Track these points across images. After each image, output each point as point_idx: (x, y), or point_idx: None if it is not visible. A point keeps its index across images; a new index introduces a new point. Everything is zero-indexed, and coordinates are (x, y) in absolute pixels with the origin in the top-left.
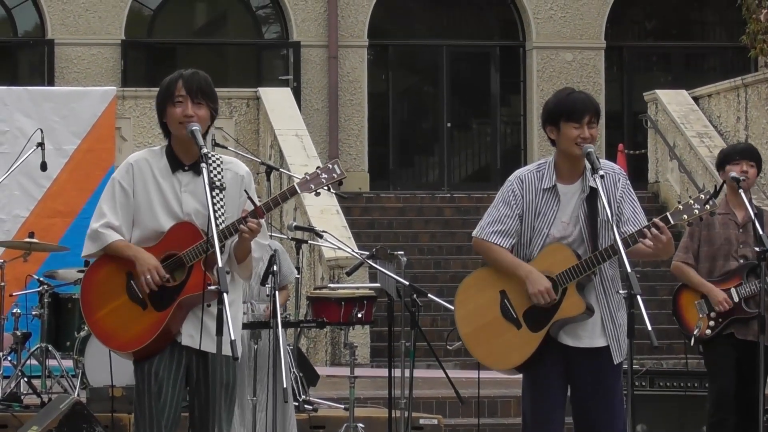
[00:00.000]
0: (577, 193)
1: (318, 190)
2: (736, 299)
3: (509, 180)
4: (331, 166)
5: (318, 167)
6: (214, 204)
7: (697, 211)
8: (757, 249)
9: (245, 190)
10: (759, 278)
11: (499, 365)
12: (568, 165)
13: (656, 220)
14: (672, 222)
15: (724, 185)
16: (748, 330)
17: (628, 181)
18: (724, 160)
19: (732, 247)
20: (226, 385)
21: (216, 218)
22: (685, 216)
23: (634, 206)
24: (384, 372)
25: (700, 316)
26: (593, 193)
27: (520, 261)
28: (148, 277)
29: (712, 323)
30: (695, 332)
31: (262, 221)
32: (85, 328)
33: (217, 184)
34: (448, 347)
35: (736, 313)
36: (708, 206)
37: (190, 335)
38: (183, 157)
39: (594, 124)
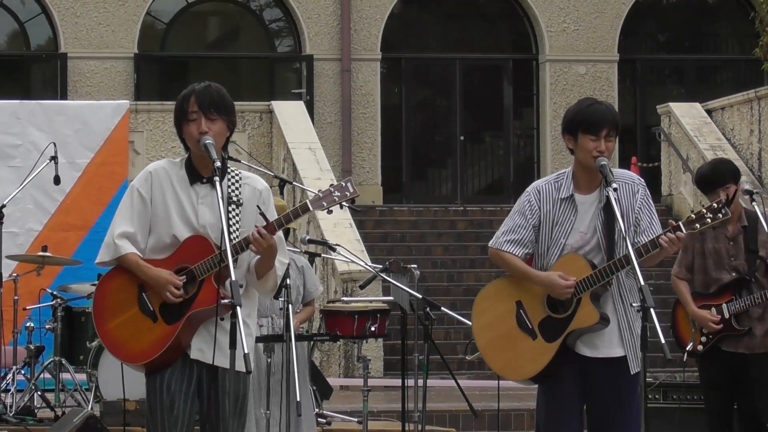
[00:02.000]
0: (594, 203)
1: (330, 208)
2: (727, 315)
3: (527, 191)
4: (344, 184)
5: (331, 185)
6: (229, 219)
7: (709, 221)
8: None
9: (258, 206)
10: (751, 293)
11: (514, 376)
12: (586, 175)
13: (673, 223)
14: (684, 231)
15: (736, 194)
16: (738, 343)
17: (647, 192)
18: (705, 187)
19: (723, 260)
20: (236, 398)
21: (230, 233)
22: (698, 225)
23: (652, 217)
24: (397, 385)
25: (693, 331)
26: (610, 203)
27: (534, 270)
28: (168, 294)
29: (704, 339)
30: (688, 347)
31: (281, 237)
32: (97, 338)
33: (234, 199)
34: (466, 358)
35: (726, 330)
36: (720, 215)
37: (199, 349)
38: (202, 170)
39: (612, 138)
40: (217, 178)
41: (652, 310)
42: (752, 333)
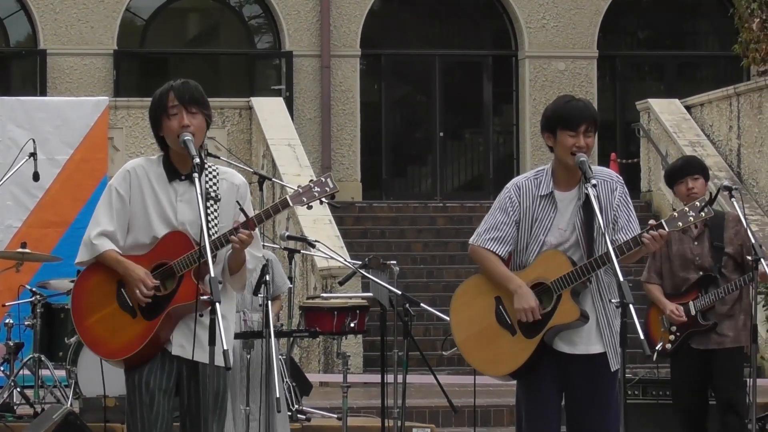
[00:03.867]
0: (574, 200)
1: (310, 204)
2: (693, 312)
3: (506, 187)
4: (323, 180)
5: (311, 180)
6: (208, 215)
7: (692, 218)
8: (749, 258)
9: (237, 201)
10: (718, 287)
11: (493, 372)
12: (565, 172)
13: (653, 224)
14: (667, 229)
15: (719, 193)
16: (708, 340)
17: (626, 189)
18: (669, 181)
19: (688, 260)
20: (216, 395)
21: (209, 228)
22: (680, 223)
23: (629, 215)
24: (377, 381)
25: (662, 330)
26: (589, 200)
27: (512, 275)
28: (137, 292)
29: (672, 337)
30: (658, 346)
31: (257, 232)
32: (76, 334)
33: (212, 194)
34: (443, 354)
35: (692, 326)
36: (703, 213)
37: (180, 345)
38: (180, 167)
39: (590, 133)
40: (196, 175)
41: (631, 306)
42: (719, 328)
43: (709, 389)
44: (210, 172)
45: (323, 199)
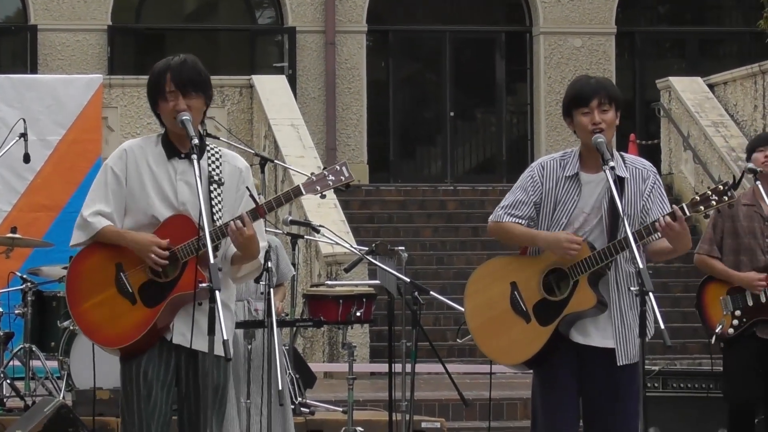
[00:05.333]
0: (601, 183)
1: (324, 193)
2: (764, 300)
3: (531, 166)
4: (339, 168)
5: (325, 168)
6: (212, 198)
7: (714, 203)
8: None
9: (247, 187)
10: None
11: (507, 360)
12: (590, 155)
13: (676, 207)
14: (688, 213)
15: (744, 176)
16: None
17: (659, 180)
18: (750, 148)
19: (757, 240)
20: (216, 387)
21: (213, 213)
22: (702, 207)
23: (663, 207)
24: (384, 372)
25: (724, 313)
26: (619, 183)
27: (537, 231)
28: (153, 257)
29: (735, 322)
30: (717, 329)
31: (260, 221)
32: (69, 319)
33: (215, 178)
34: (457, 341)
35: (763, 313)
36: (726, 198)
37: (181, 333)
38: (179, 146)
39: (606, 107)
40: (194, 157)
41: (651, 294)
42: None
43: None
44: (213, 154)
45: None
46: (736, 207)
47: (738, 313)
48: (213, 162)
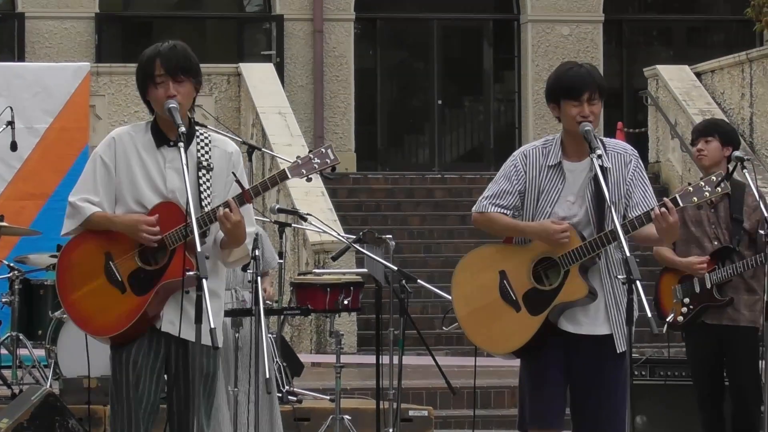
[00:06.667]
0: (584, 171)
1: (309, 176)
2: (708, 285)
3: (513, 155)
4: (324, 151)
5: (310, 151)
6: (200, 185)
7: (707, 193)
8: (761, 232)
9: (233, 172)
10: (734, 262)
11: (496, 349)
12: (574, 142)
13: (666, 200)
14: (681, 204)
15: (737, 166)
16: (721, 315)
17: (641, 163)
18: (691, 140)
19: (703, 227)
20: (206, 376)
21: (202, 200)
22: (695, 198)
23: (645, 190)
24: (371, 361)
25: (675, 301)
26: (602, 171)
27: (524, 222)
28: (145, 235)
29: (684, 309)
30: (669, 318)
31: (249, 206)
32: (59, 309)
33: (204, 164)
34: (443, 329)
35: (708, 300)
36: (719, 188)
37: (171, 321)
38: (168, 133)
39: (595, 101)
40: (181, 145)
41: (638, 282)
42: (734, 304)
43: (723, 369)
44: (202, 140)
45: (323, 171)
46: None
47: (686, 300)
48: (202, 147)
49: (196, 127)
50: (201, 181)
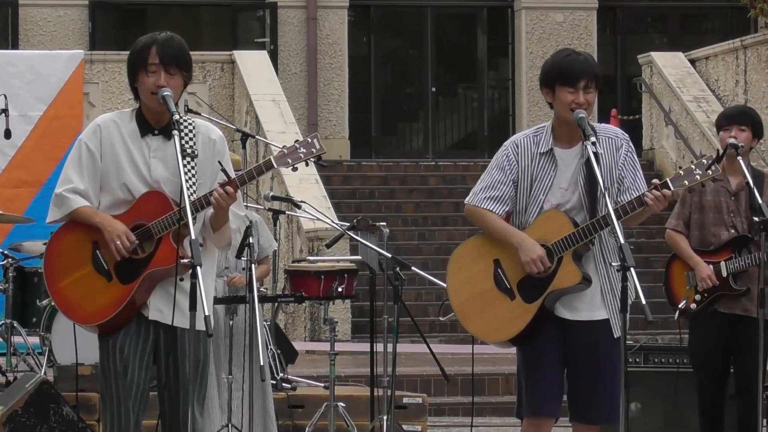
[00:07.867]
0: (576, 158)
1: (295, 165)
2: (725, 274)
3: (504, 144)
4: (310, 140)
5: (296, 141)
6: (186, 173)
7: (698, 177)
8: (755, 219)
9: (219, 162)
10: (751, 252)
11: (491, 338)
12: (566, 129)
13: (657, 183)
14: (672, 188)
15: (726, 151)
16: (735, 304)
17: (632, 148)
18: (717, 126)
19: (722, 215)
20: (197, 363)
21: (187, 188)
22: (686, 182)
23: (636, 174)
24: (366, 348)
25: (688, 288)
26: (595, 158)
27: (514, 228)
28: (118, 243)
29: (698, 297)
30: (681, 304)
31: (239, 192)
32: (48, 297)
33: (189, 151)
34: (440, 319)
35: (723, 289)
36: (710, 171)
37: (158, 310)
38: (153, 122)
39: (591, 89)
40: (175, 132)
41: (632, 269)
42: (750, 294)
43: (731, 358)
44: (186, 126)
45: (310, 160)
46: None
47: (700, 287)
48: (186, 134)
49: (180, 114)
50: (186, 169)
